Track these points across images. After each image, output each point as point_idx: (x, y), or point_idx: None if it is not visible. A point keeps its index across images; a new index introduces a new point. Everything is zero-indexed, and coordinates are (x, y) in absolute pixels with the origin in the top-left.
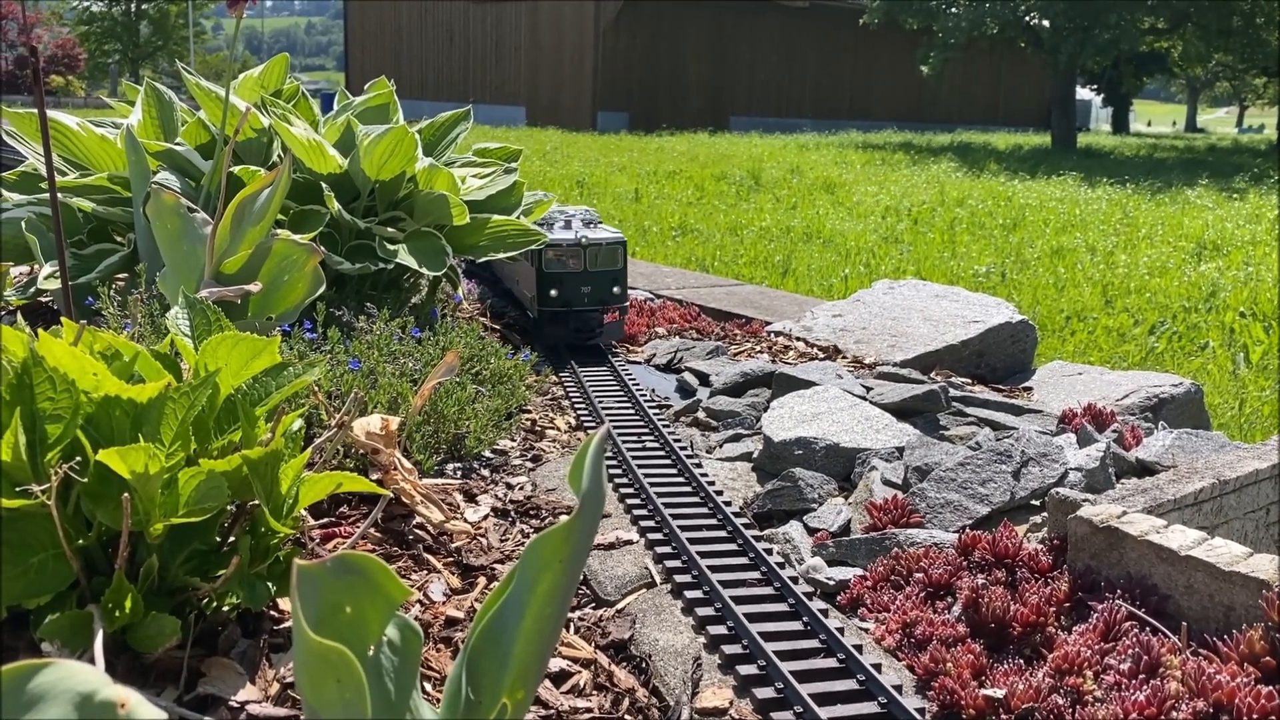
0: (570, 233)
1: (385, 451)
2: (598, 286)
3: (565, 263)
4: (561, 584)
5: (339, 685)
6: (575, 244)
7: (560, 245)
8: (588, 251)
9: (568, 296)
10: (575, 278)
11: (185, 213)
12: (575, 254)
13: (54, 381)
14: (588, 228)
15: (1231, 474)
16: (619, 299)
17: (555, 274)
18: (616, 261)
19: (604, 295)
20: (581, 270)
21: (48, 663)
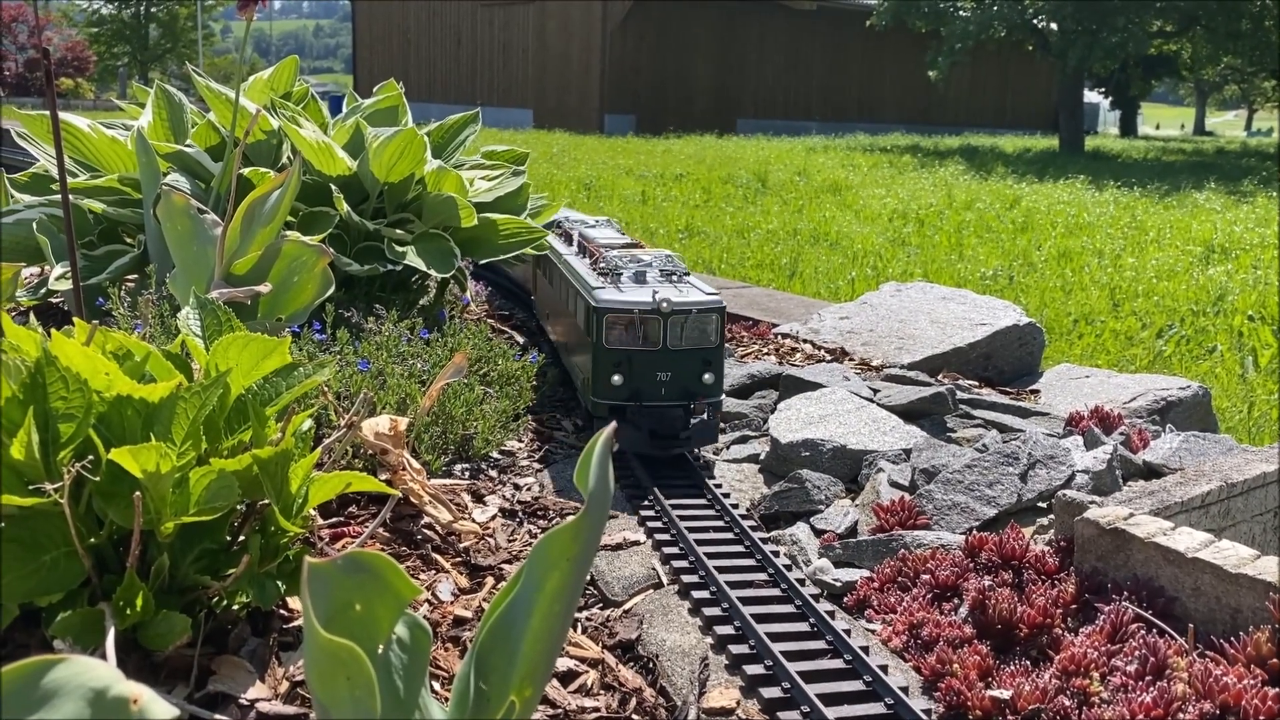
0: (643, 291)
1: (394, 452)
2: (682, 372)
3: (636, 336)
4: (569, 583)
5: (349, 682)
6: (652, 310)
7: (629, 311)
8: (670, 322)
9: (638, 386)
10: (650, 359)
11: (195, 214)
12: (651, 324)
13: (66, 381)
14: (670, 284)
15: (1239, 477)
16: (711, 391)
17: (621, 352)
18: (710, 336)
19: (690, 385)
20: (660, 348)
21: (61, 659)
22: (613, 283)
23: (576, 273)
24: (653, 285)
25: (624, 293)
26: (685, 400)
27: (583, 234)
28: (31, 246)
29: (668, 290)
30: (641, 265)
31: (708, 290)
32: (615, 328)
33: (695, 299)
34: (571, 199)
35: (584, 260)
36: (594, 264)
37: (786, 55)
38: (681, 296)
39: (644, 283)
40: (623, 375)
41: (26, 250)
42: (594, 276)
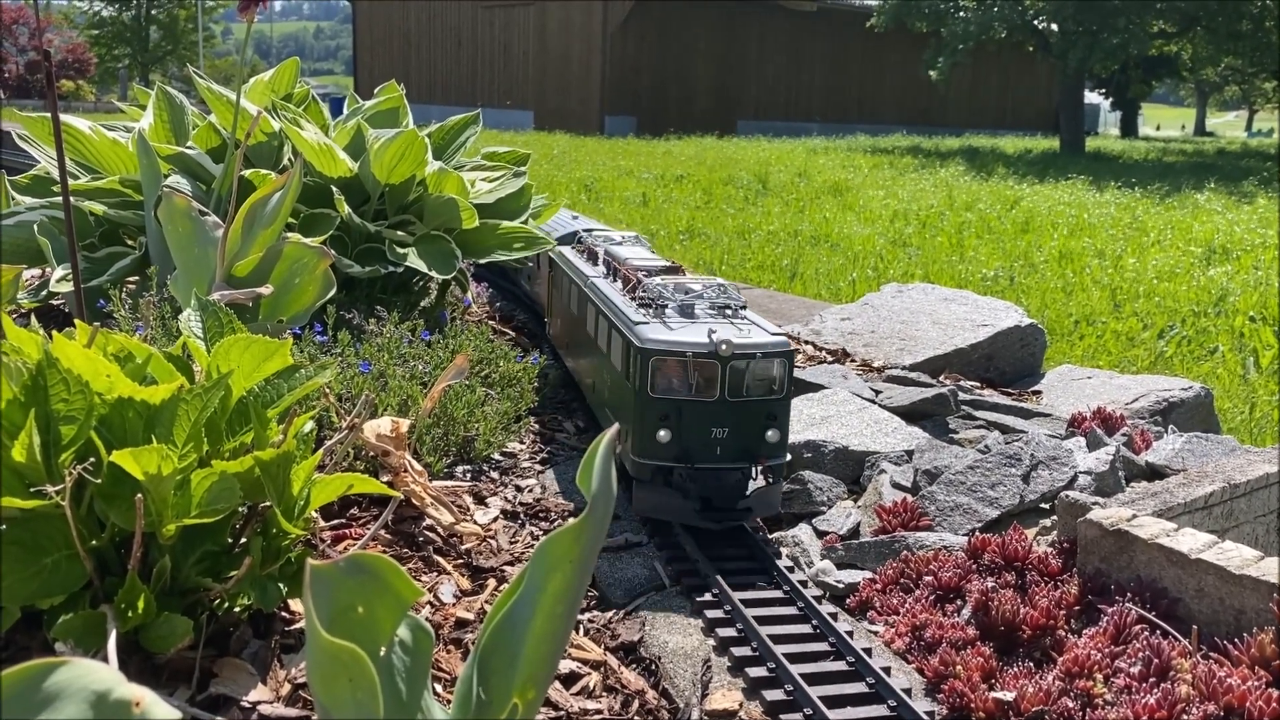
0: (696, 330)
1: (395, 454)
2: (742, 428)
3: (688, 383)
4: (571, 584)
5: (351, 685)
6: (709, 354)
7: (681, 353)
8: (730, 368)
9: (689, 444)
10: (705, 412)
11: (197, 216)
12: (708, 370)
13: (68, 383)
14: (725, 320)
15: (1242, 478)
16: (776, 450)
17: (669, 403)
18: (776, 385)
19: (751, 443)
20: (716, 399)
21: (63, 661)
22: (658, 317)
23: (610, 301)
24: (705, 321)
25: (673, 331)
26: (745, 462)
27: (610, 252)
28: (33, 248)
29: (726, 329)
30: (690, 296)
31: (772, 330)
32: (663, 373)
33: (760, 340)
34: (572, 200)
35: (616, 286)
36: (631, 292)
37: (787, 56)
38: (744, 337)
39: (693, 317)
40: (671, 430)
41: (28, 252)
42: (634, 308)
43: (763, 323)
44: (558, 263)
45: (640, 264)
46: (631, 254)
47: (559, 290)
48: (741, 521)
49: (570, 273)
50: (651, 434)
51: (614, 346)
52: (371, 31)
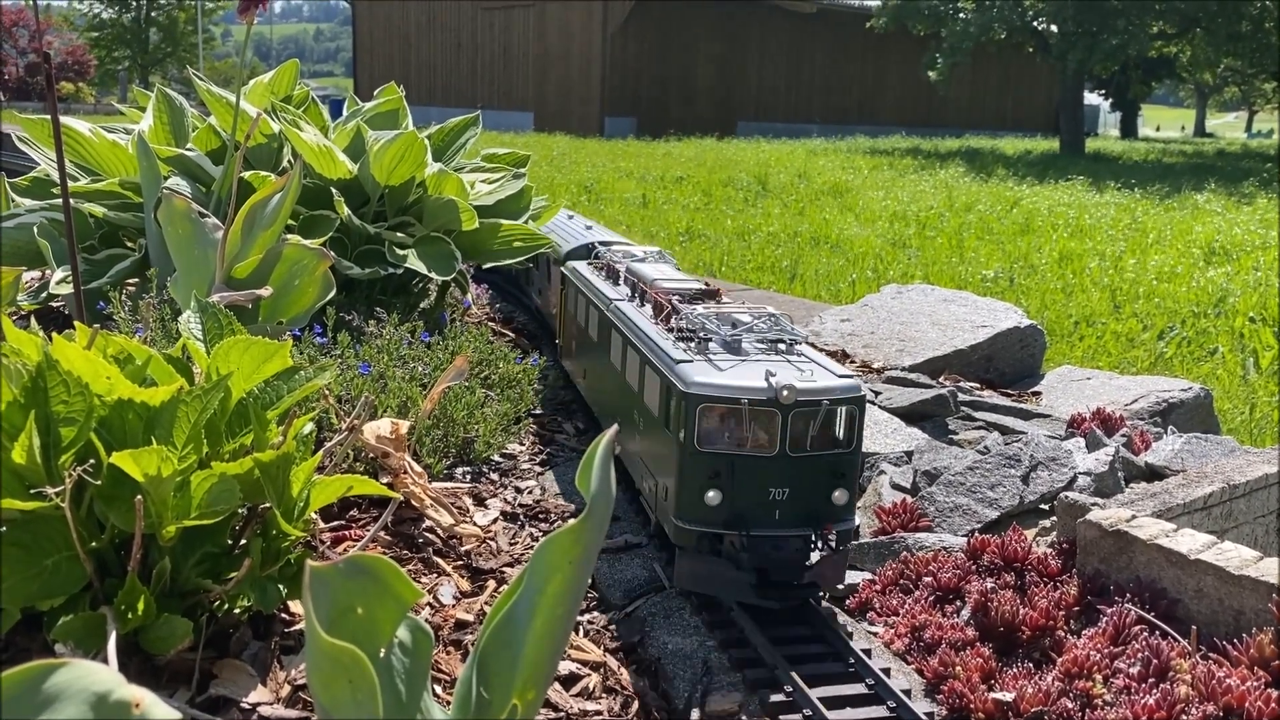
0: (750, 370)
1: (395, 455)
2: (806, 488)
3: (743, 436)
4: (571, 585)
5: (351, 686)
6: (769, 400)
7: (735, 400)
8: (793, 418)
9: (743, 507)
10: (762, 470)
11: (196, 218)
12: (766, 420)
13: (68, 385)
14: (780, 357)
15: (1241, 478)
16: (843, 513)
17: (720, 458)
18: (844, 436)
19: (816, 505)
20: (776, 454)
21: (63, 663)
22: (701, 354)
23: (641, 332)
24: (758, 359)
25: (723, 372)
26: (808, 527)
27: (634, 271)
28: (33, 250)
29: (785, 370)
30: (735, 325)
31: (839, 371)
32: (712, 423)
33: (826, 384)
34: (572, 202)
35: (645, 312)
36: (665, 321)
37: (787, 58)
38: (808, 381)
39: (743, 354)
40: (721, 491)
41: (27, 254)
42: (672, 342)
43: (826, 362)
44: (572, 280)
45: (672, 287)
46: (659, 274)
47: (574, 311)
48: (806, 598)
49: (588, 293)
50: (698, 495)
51: (648, 386)
52: (371, 33)
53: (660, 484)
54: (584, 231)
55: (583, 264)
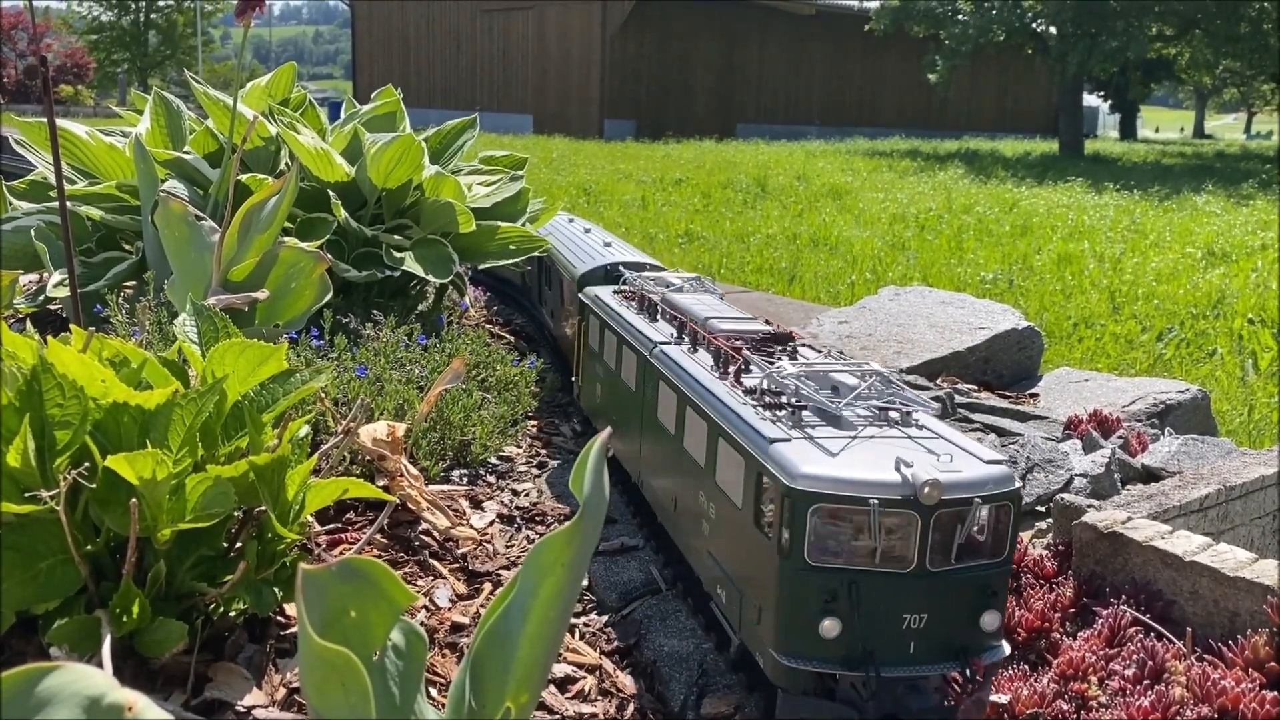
0: (870, 455)
1: (391, 458)
2: (949, 610)
3: (870, 546)
4: (564, 588)
5: (344, 689)
6: (906, 500)
7: (859, 500)
8: (936, 522)
9: (870, 638)
10: (894, 589)
11: (193, 220)
12: (900, 524)
13: (63, 388)
14: (902, 432)
15: (1237, 480)
16: (992, 640)
17: (838, 574)
18: (996, 542)
19: (960, 633)
20: (913, 568)
21: (55, 666)
22: (797, 426)
23: (705, 391)
24: (871, 434)
25: (836, 457)
26: (951, 662)
27: (675, 304)
28: (30, 253)
29: (918, 455)
30: (837, 391)
31: (982, 452)
32: (828, 529)
33: (975, 474)
34: (571, 204)
35: (702, 361)
36: (733, 376)
37: (786, 60)
38: (951, 470)
39: (847, 426)
40: (841, 619)
41: (25, 257)
42: (753, 410)
43: (958, 438)
44: (595, 311)
45: (733, 329)
46: (709, 309)
47: (598, 348)
48: None
49: (619, 330)
50: (808, 623)
51: (724, 465)
52: (370, 35)
53: (748, 600)
54: (602, 249)
55: (607, 291)
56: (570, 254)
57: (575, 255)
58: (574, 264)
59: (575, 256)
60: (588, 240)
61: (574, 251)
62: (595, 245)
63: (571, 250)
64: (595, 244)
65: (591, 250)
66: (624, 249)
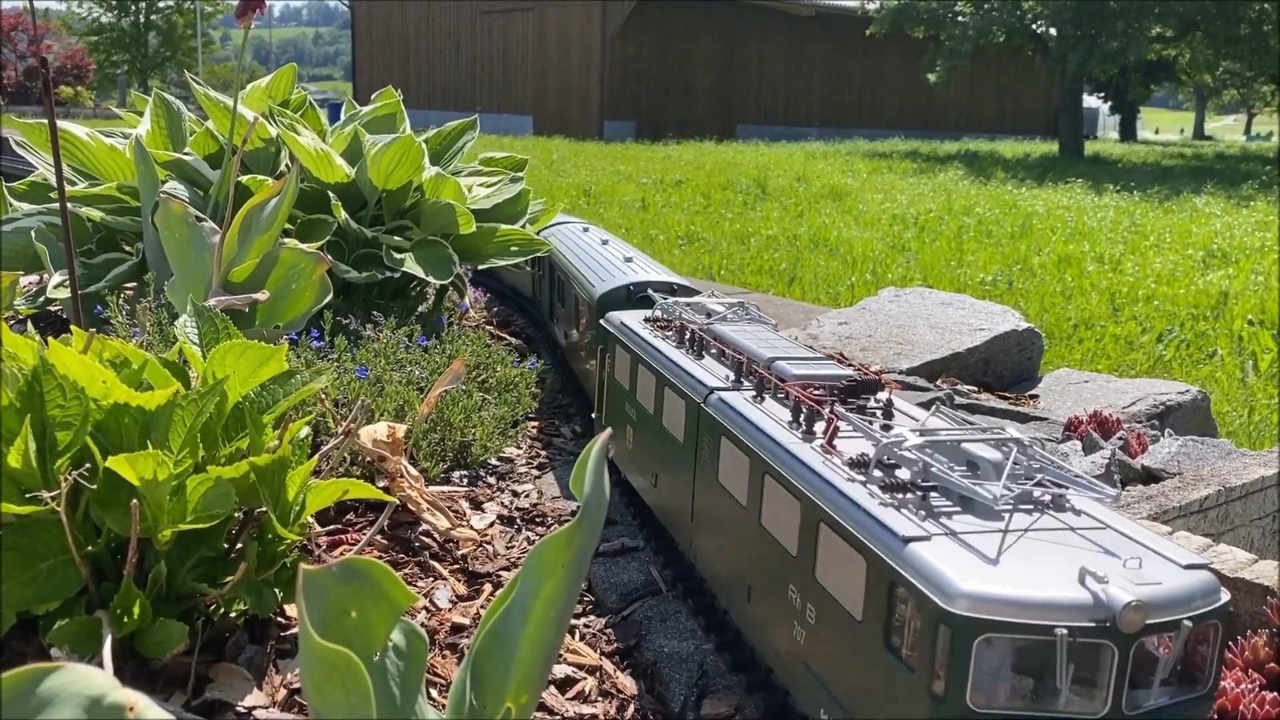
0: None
1: (392, 459)
2: None
3: (1045, 685)
4: (564, 589)
5: (345, 690)
6: (1101, 625)
7: (1042, 628)
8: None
9: None
10: None
11: (193, 221)
12: (1089, 658)
13: (64, 389)
14: (1060, 520)
15: (1237, 481)
16: None
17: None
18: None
19: None
20: (1105, 712)
21: (56, 666)
22: (932, 518)
23: (793, 460)
24: (1023, 526)
25: (999, 568)
26: None
27: (726, 340)
28: (30, 255)
29: (1102, 562)
30: (974, 467)
31: (1182, 555)
32: (997, 664)
33: (1179, 587)
34: (571, 205)
35: (776, 415)
36: (824, 438)
37: (786, 61)
38: (1152, 584)
39: (992, 517)
40: None
41: (25, 258)
42: (867, 493)
43: (1139, 531)
44: (623, 342)
45: (804, 371)
46: (768, 345)
47: (630, 386)
48: None
49: (658, 368)
50: None
51: (831, 563)
52: (370, 37)
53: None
54: (623, 265)
55: (635, 319)
56: (587, 270)
57: (593, 272)
58: (592, 283)
59: (593, 274)
60: (606, 254)
61: (591, 268)
62: (615, 260)
63: (588, 266)
64: (615, 258)
65: (611, 266)
66: (648, 265)
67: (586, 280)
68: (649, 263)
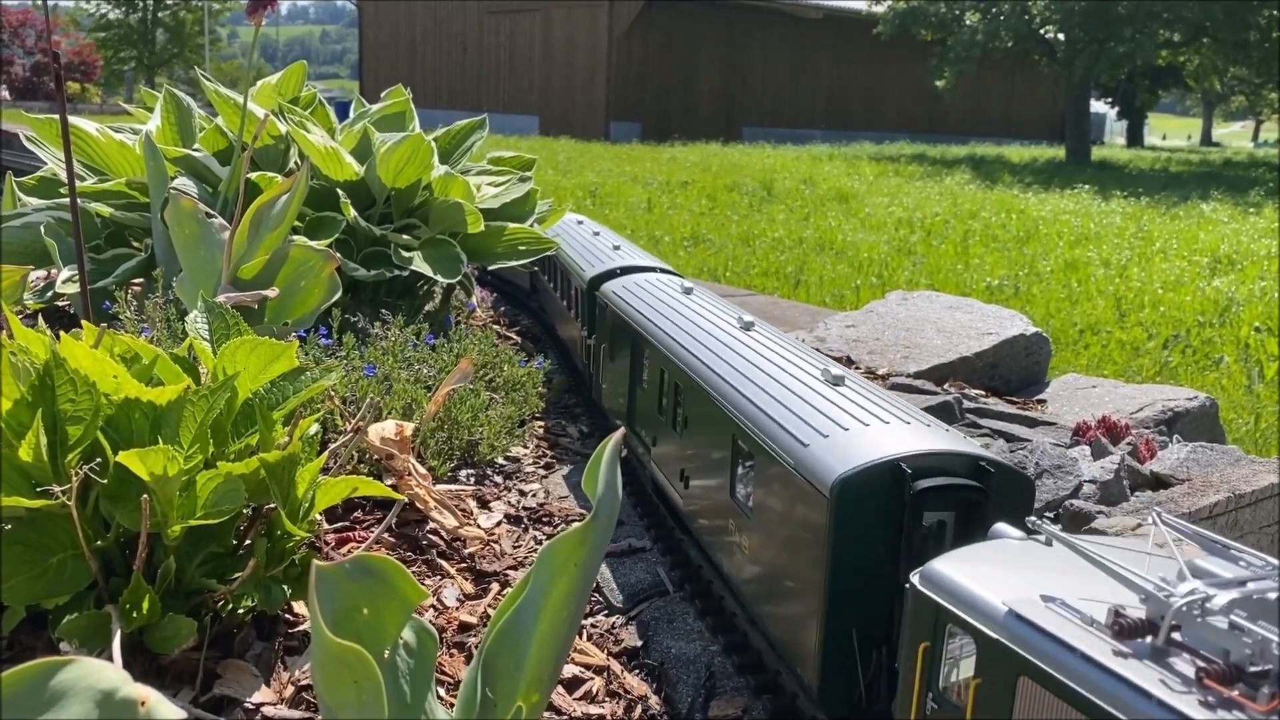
0: None
1: (400, 457)
2: None
3: None
4: (576, 588)
5: (356, 686)
6: None
7: None
8: None
9: None
10: None
11: (203, 218)
12: None
13: (75, 383)
14: None
15: (1247, 488)
16: None
17: None
18: None
19: None
20: None
21: (69, 660)
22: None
23: None
24: None
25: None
26: None
27: None
28: (38, 250)
29: None
30: None
31: None
32: None
33: None
34: (577, 205)
35: None
36: None
37: (792, 63)
38: None
39: None
40: None
41: (33, 253)
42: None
43: None
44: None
45: None
46: None
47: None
48: None
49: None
50: None
51: None
52: (377, 36)
53: None
54: (611, 253)
55: None
56: (581, 258)
57: (621, 298)
58: (639, 319)
59: (621, 300)
60: (660, 290)
61: (617, 289)
62: (667, 292)
63: (642, 299)
64: (669, 292)
65: (648, 291)
66: (702, 296)
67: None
68: (705, 296)
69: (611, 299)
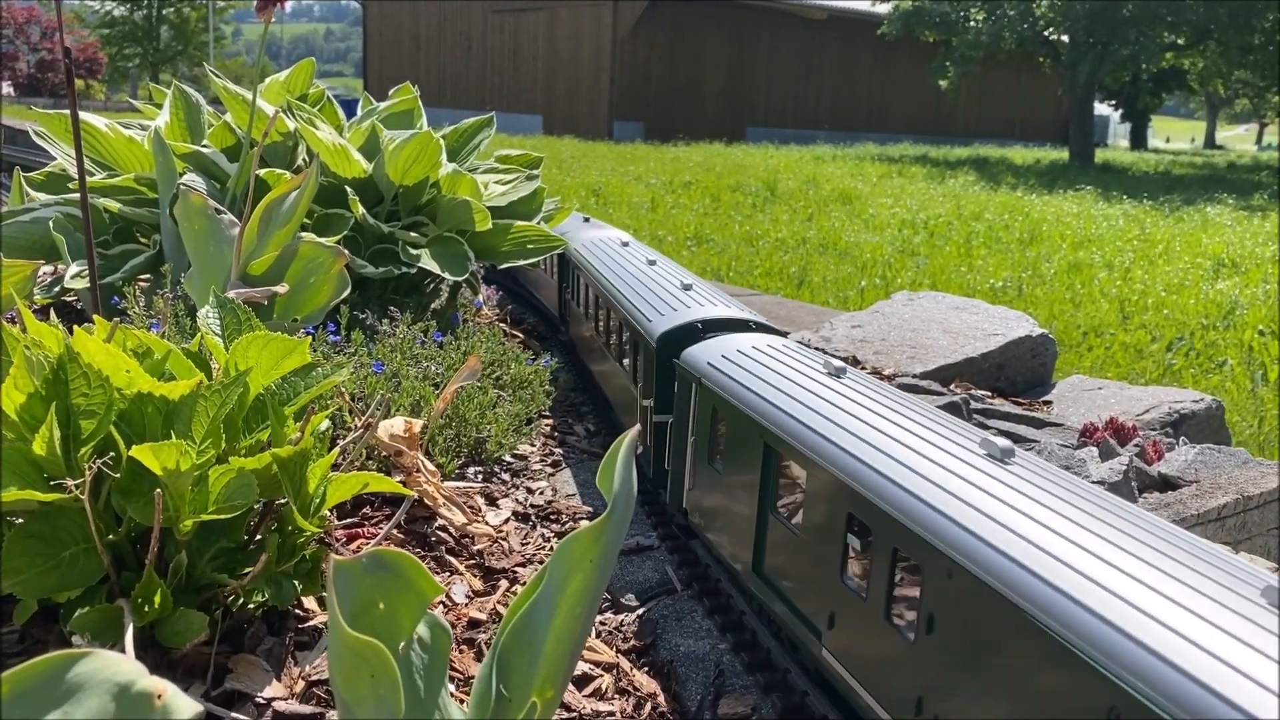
0: None
1: (408, 454)
2: None
3: None
4: (592, 584)
5: (373, 680)
6: None
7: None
8: None
9: None
10: None
11: (213, 214)
12: None
13: (88, 378)
14: None
15: (1255, 490)
16: None
17: None
18: None
19: None
20: None
21: (86, 652)
22: None
23: None
24: None
25: None
26: None
27: None
28: (47, 244)
29: None
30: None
31: None
32: None
33: None
34: (581, 204)
35: None
36: None
37: (796, 64)
38: None
39: None
40: None
41: (41, 248)
42: None
43: None
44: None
45: None
46: None
47: None
48: None
49: None
50: None
51: None
52: (382, 34)
53: None
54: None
55: None
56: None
57: (667, 322)
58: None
59: (667, 322)
60: (703, 302)
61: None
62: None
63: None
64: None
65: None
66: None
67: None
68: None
69: (708, 374)
